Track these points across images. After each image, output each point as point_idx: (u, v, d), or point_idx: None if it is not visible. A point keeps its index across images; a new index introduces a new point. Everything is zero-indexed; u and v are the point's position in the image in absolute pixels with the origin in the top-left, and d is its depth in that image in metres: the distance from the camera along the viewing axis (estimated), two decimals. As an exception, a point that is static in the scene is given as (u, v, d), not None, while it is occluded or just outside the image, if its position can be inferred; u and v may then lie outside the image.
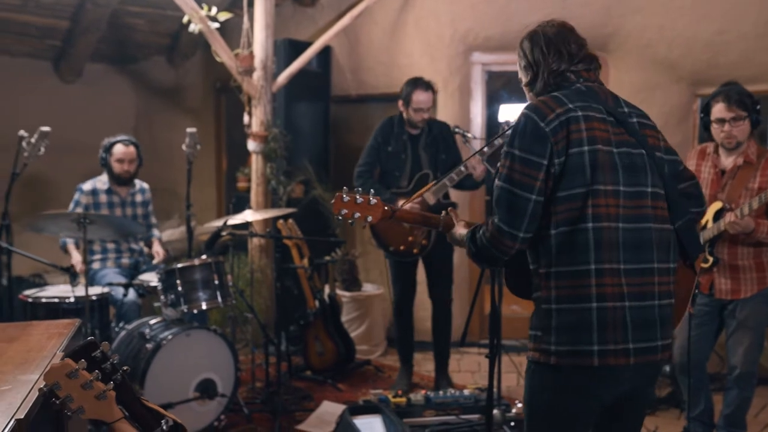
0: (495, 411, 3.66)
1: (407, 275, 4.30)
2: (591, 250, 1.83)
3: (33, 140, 3.73)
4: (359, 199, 2.17)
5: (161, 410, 1.93)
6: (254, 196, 5.19)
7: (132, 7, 5.89)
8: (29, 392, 1.66)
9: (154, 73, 7.34)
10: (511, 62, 5.48)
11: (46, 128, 3.72)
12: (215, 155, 6.97)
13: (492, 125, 5.53)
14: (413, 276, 4.32)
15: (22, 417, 1.52)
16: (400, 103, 4.15)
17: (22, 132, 3.75)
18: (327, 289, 4.99)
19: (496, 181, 1.92)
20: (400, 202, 3.98)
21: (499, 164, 1.93)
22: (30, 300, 3.72)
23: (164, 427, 1.86)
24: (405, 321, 4.37)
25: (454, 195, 4.55)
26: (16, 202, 3.85)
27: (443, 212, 2.21)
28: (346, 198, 2.17)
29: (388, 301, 5.35)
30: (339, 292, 5.16)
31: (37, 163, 3.91)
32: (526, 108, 1.91)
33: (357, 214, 2.18)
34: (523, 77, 2.06)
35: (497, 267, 2.03)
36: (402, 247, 4.07)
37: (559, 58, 1.96)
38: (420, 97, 4.05)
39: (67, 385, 1.68)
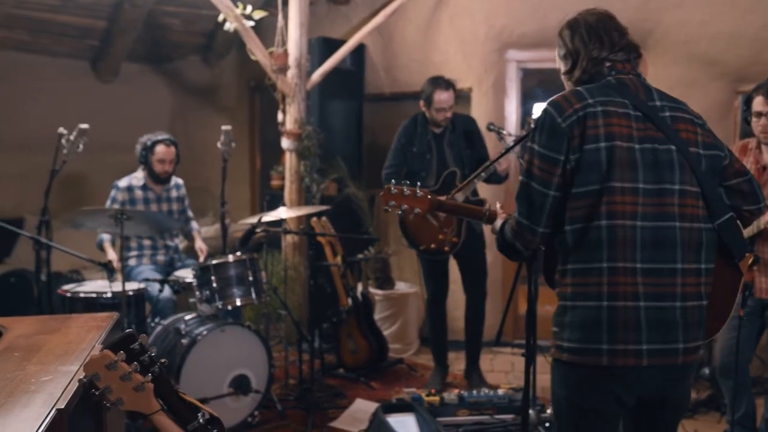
0: (530, 411, 3.63)
1: (439, 274, 4.28)
2: (604, 247, 1.81)
3: (72, 138, 3.77)
4: (406, 191, 2.29)
5: (198, 403, 1.93)
6: (288, 193, 5.21)
7: (168, 6, 5.96)
8: (69, 383, 1.68)
9: (189, 72, 7.42)
10: (547, 59, 5.41)
11: (84, 126, 3.77)
12: (249, 154, 7.01)
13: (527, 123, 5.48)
14: (446, 274, 4.30)
15: (63, 407, 1.53)
16: (422, 103, 4.14)
17: (61, 129, 3.80)
18: (360, 287, 4.98)
19: (519, 176, 1.94)
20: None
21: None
22: (69, 294, 3.77)
23: (201, 420, 1.87)
24: (438, 320, 4.35)
25: (487, 192, 4.51)
26: (54, 200, 3.90)
27: (488, 204, 2.24)
28: (394, 190, 2.30)
29: (421, 299, 5.33)
30: (372, 290, 5.15)
31: (74, 161, 3.96)
32: (548, 103, 1.89)
33: (405, 206, 2.30)
34: (562, 66, 2.02)
35: (521, 260, 2.10)
36: (433, 246, 4.05)
37: (600, 46, 1.93)
38: (441, 96, 4.03)
39: (107, 376, 1.69)
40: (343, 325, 4.66)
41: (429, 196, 2.27)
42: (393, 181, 2.39)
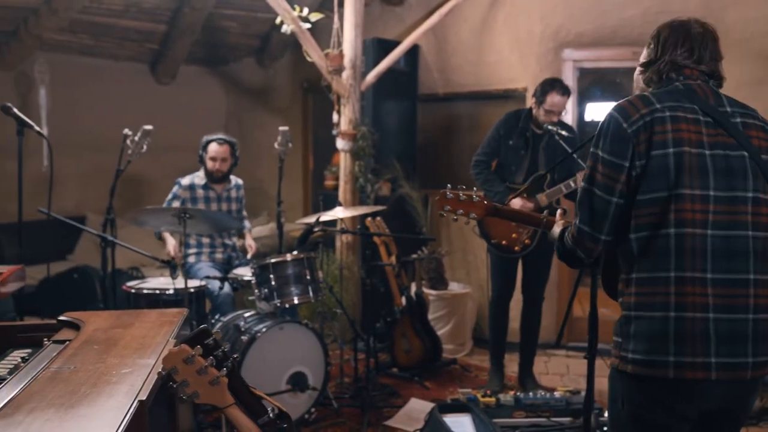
0: (588, 414, 3.60)
1: (508, 272, 4.24)
2: (672, 256, 1.76)
3: (136, 138, 3.88)
4: (462, 196, 2.25)
5: (267, 398, 1.98)
6: (342, 193, 5.25)
7: (225, 9, 6.07)
8: (148, 375, 1.73)
9: (244, 74, 7.55)
10: (605, 58, 5.34)
11: (148, 127, 3.87)
12: (302, 154, 7.09)
13: (583, 124, 5.41)
14: (513, 273, 4.26)
15: (144, 398, 1.58)
16: (533, 100, 4.08)
17: (126, 131, 3.91)
18: (413, 287, 5.00)
19: (582, 183, 1.90)
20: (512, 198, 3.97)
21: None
22: (133, 291, 3.88)
23: (271, 415, 1.91)
24: (501, 319, 4.32)
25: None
26: (115, 199, 4.00)
27: (545, 212, 2.22)
28: (449, 195, 2.25)
29: (474, 300, 5.32)
30: (425, 290, 5.16)
31: (133, 162, 4.05)
32: (613, 108, 1.87)
33: (460, 211, 2.25)
34: (644, 58, 2.00)
35: (582, 268, 2.07)
36: (504, 242, 4.02)
37: (687, 55, 1.90)
38: (555, 99, 3.97)
39: (184, 369, 1.74)
40: (397, 325, 4.68)
41: (485, 202, 2.24)
42: (449, 186, 2.31)
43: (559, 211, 2.24)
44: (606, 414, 3.71)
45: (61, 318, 2.35)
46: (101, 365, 1.82)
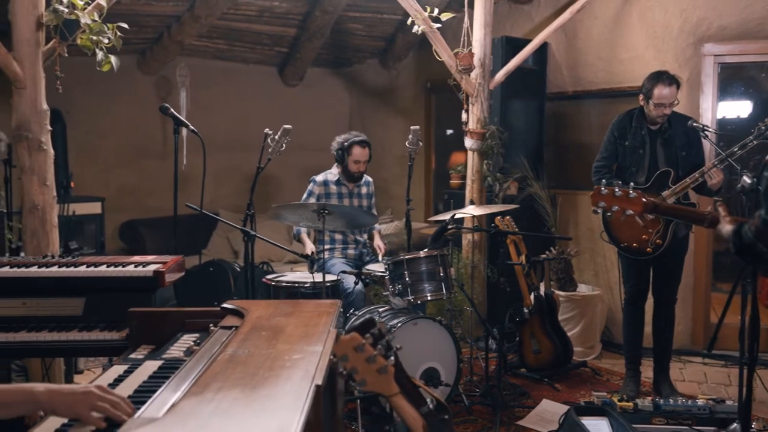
0: (735, 425, 3.44)
1: (640, 274, 4.11)
2: None
3: (276, 137, 4.04)
4: (618, 192, 2.21)
5: (426, 389, 2.02)
6: (469, 192, 5.25)
7: (353, 12, 6.20)
8: (319, 361, 1.80)
9: (368, 75, 7.70)
10: (750, 52, 5.07)
11: (288, 126, 4.02)
12: (425, 153, 7.14)
13: (723, 121, 5.15)
14: (646, 275, 4.12)
15: (320, 383, 1.64)
16: (641, 97, 3.98)
17: (267, 130, 4.08)
18: (542, 288, 4.93)
19: (765, 172, 1.82)
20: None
21: None
22: (272, 283, 4.05)
23: (430, 406, 1.95)
24: (635, 322, 4.19)
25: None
26: (244, 196, 4.14)
27: (710, 206, 2.13)
28: (604, 191, 2.22)
29: (604, 302, 5.19)
30: (554, 291, 5.08)
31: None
32: None
33: (615, 207, 2.22)
34: None
35: (760, 264, 1.92)
36: (635, 245, 3.92)
37: None
38: (663, 92, 3.85)
39: (354, 357, 1.81)
40: (525, 325, 4.62)
41: (643, 198, 2.18)
42: (603, 181, 2.31)
43: (719, 204, 2.16)
44: (753, 425, 3.56)
45: (225, 305, 2.48)
46: (273, 350, 1.91)
